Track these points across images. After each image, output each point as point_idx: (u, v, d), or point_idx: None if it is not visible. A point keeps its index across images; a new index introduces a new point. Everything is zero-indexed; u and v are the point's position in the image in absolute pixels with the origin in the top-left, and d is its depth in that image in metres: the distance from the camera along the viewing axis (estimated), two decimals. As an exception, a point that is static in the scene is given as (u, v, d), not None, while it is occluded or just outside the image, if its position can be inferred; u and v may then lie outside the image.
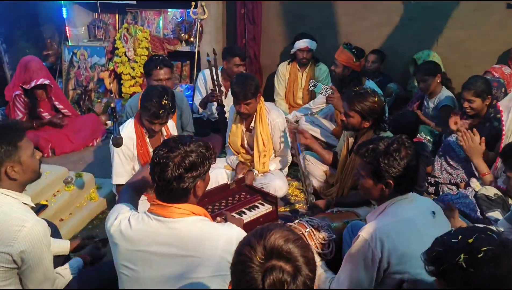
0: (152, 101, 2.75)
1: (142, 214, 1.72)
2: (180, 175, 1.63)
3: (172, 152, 1.65)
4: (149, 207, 1.72)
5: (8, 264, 1.82)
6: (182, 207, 1.68)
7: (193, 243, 1.64)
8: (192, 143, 1.69)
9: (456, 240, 1.34)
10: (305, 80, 4.51)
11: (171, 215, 1.67)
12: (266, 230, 1.21)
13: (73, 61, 5.23)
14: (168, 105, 2.80)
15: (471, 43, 4.44)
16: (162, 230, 1.66)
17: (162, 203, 1.69)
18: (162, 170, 1.64)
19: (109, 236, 1.75)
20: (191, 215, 1.68)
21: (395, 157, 1.82)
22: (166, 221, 1.66)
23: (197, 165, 1.67)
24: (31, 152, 1.96)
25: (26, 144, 1.93)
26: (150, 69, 3.44)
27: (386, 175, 1.83)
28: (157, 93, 2.79)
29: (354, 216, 2.61)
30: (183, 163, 1.64)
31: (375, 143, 1.91)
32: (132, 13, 5.33)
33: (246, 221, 2.70)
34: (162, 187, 1.67)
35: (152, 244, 1.66)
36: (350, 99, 2.85)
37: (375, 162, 1.86)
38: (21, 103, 4.17)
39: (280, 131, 3.41)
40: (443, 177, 3.30)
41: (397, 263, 1.74)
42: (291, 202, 3.44)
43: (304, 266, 1.15)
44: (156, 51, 4.88)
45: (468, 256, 1.28)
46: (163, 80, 3.42)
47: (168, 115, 2.86)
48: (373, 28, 4.68)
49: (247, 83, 3.15)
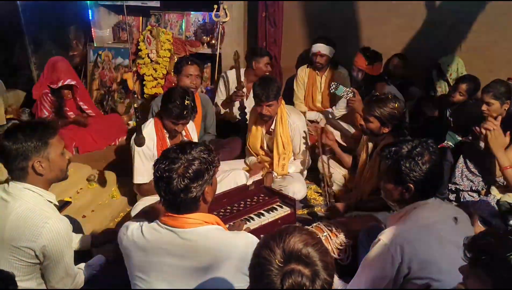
0: (175, 102, 2.80)
1: (154, 224, 1.69)
2: (186, 186, 1.58)
3: (174, 163, 1.60)
4: (161, 218, 1.68)
5: (31, 259, 1.86)
6: (193, 216, 1.64)
7: (207, 255, 1.60)
8: (192, 150, 1.64)
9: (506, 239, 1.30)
10: (324, 84, 4.48)
11: (183, 225, 1.63)
12: (285, 233, 1.21)
13: (98, 62, 5.34)
14: (191, 105, 2.85)
15: (496, 49, 4.36)
16: (175, 241, 1.63)
17: (173, 215, 1.65)
18: (167, 184, 1.59)
19: (123, 249, 1.73)
20: (203, 224, 1.64)
21: (417, 161, 1.79)
22: (179, 232, 1.63)
23: (202, 172, 1.62)
24: (61, 151, 2.01)
25: (57, 143, 1.99)
26: (182, 65, 3.59)
27: (406, 179, 1.81)
28: (179, 93, 2.85)
29: (373, 221, 2.59)
30: (187, 174, 1.59)
31: (398, 145, 1.88)
32: (155, 15, 5.42)
33: (265, 223, 2.73)
34: (170, 200, 1.62)
35: (166, 255, 1.63)
36: (369, 104, 2.84)
37: (396, 165, 1.83)
38: (48, 102, 4.29)
39: (300, 134, 3.42)
40: (464, 184, 3.24)
41: (418, 269, 1.72)
42: (310, 205, 3.44)
43: (323, 270, 1.15)
44: (178, 53, 4.94)
45: None
46: (193, 75, 3.53)
47: (191, 115, 2.91)
48: (396, 32, 4.64)
49: (269, 85, 3.18)
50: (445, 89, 4.39)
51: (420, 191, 1.84)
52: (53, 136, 1.97)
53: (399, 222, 1.87)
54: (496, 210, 2.73)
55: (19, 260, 1.86)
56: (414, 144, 1.85)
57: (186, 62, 3.60)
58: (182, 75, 3.55)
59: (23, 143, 1.88)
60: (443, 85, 4.43)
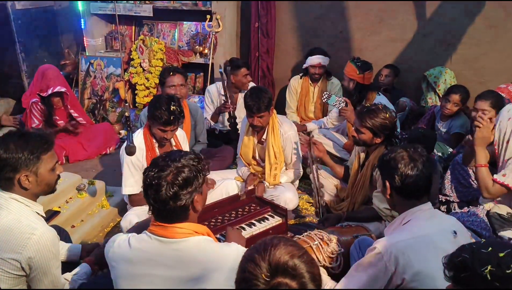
0: (161, 109, 2.79)
1: (142, 235, 1.67)
2: (175, 193, 1.57)
3: (163, 171, 1.58)
4: (149, 227, 1.66)
5: (16, 271, 1.82)
6: (184, 226, 1.62)
7: (198, 266, 1.58)
8: (182, 158, 1.63)
9: (485, 251, 1.30)
10: (317, 94, 4.52)
11: (174, 235, 1.60)
12: (269, 245, 1.19)
13: (90, 71, 5.33)
14: (177, 110, 2.84)
15: (486, 60, 4.42)
16: (165, 252, 1.60)
17: (162, 224, 1.62)
18: (156, 191, 1.57)
19: (109, 261, 1.70)
20: (194, 234, 1.62)
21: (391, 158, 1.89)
22: (169, 242, 1.61)
23: (191, 179, 1.60)
24: (52, 166, 1.95)
25: (49, 159, 1.93)
26: (164, 77, 3.57)
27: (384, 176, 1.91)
28: (164, 100, 2.84)
29: (364, 231, 2.58)
30: (176, 181, 1.57)
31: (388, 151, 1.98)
32: (148, 25, 5.44)
33: (256, 233, 2.71)
34: (159, 208, 1.60)
35: (155, 266, 1.61)
36: (361, 115, 2.85)
37: (380, 165, 1.95)
38: (38, 111, 4.25)
39: (292, 143, 3.41)
40: (454, 195, 3.25)
41: (411, 280, 1.71)
42: (301, 215, 3.43)
43: (310, 282, 1.14)
44: (170, 63, 4.95)
45: (495, 269, 1.25)
46: (176, 86, 3.51)
47: (179, 121, 2.89)
48: (387, 43, 4.69)
49: (260, 96, 3.17)
50: (435, 100, 4.43)
51: (400, 192, 1.88)
52: (46, 152, 1.92)
53: (396, 230, 1.87)
54: (486, 222, 2.73)
55: (4, 271, 1.82)
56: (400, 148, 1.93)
57: (168, 73, 3.57)
58: (165, 87, 3.53)
59: (14, 154, 1.83)
60: (434, 97, 4.47)
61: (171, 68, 3.67)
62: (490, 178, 2.58)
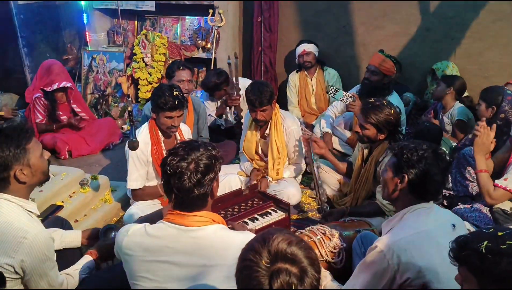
0: (165, 95, 2.83)
1: (159, 223, 1.69)
2: (199, 180, 1.62)
3: (184, 159, 1.62)
4: (166, 217, 1.69)
5: (10, 274, 1.78)
6: (202, 215, 1.66)
7: (216, 252, 1.61)
8: (200, 147, 1.68)
9: (487, 231, 1.36)
10: (316, 85, 4.59)
11: (192, 223, 1.64)
12: (268, 234, 1.23)
13: (92, 66, 5.33)
14: (181, 95, 2.88)
15: (490, 54, 4.39)
16: (183, 239, 1.63)
17: (181, 212, 1.66)
18: (179, 179, 1.61)
19: (122, 249, 1.70)
20: (211, 223, 1.66)
21: (420, 154, 1.82)
22: (187, 230, 1.64)
23: (211, 166, 1.66)
24: (40, 153, 1.91)
25: (35, 146, 1.88)
26: (173, 70, 3.58)
27: (404, 169, 1.83)
28: (166, 87, 2.90)
29: (366, 226, 2.59)
30: (199, 168, 1.62)
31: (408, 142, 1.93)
32: (150, 19, 5.42)
33: (259, 228, 2.71)
34: (183, 197, 1.64)
35: (173, 254, 1.63)
36: (365, 111, 2.84)
37: (399, 153, 1.88)
38: (41, 106, 4.26)
39: (294, 138, 3.41)
40: (458, 189, 3.25)
41: (415, 277, 1.71)
42: (304, 210, 3.43)
43: (310, 267, 1.17)
44: (173, 57, 4.94)
45: (491, 244, 1.30)
46: (185, 80, 3.53)
47: (183, 105, 2.93)
48: (390, 38, 4.66)
49: (262, 90, 3.17)
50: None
51: (414, 190, 1.84)
52: (29, 141, 1.86)
53: (396, 227, 1.86)
54: (490, 217, 2.73)
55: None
56: (424, 144, 1.88)
57: (177, 67, 3.58)
58: (174, 81, 3.54)
59: (1, 153, 1.78)
60: (438, 91, 4.44)
61: (181, 63, 3.70)
62: (491, 183, 2.58)
